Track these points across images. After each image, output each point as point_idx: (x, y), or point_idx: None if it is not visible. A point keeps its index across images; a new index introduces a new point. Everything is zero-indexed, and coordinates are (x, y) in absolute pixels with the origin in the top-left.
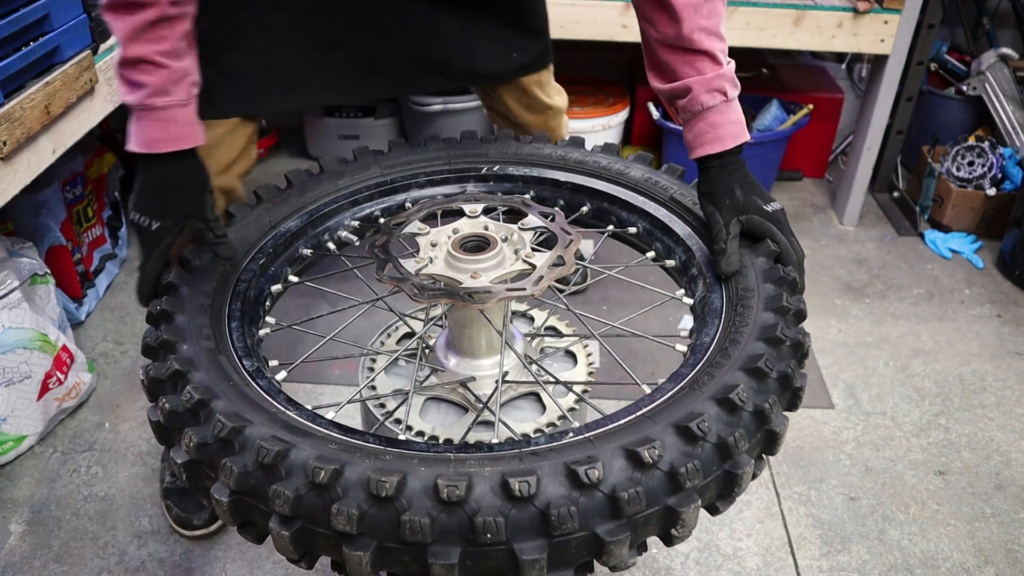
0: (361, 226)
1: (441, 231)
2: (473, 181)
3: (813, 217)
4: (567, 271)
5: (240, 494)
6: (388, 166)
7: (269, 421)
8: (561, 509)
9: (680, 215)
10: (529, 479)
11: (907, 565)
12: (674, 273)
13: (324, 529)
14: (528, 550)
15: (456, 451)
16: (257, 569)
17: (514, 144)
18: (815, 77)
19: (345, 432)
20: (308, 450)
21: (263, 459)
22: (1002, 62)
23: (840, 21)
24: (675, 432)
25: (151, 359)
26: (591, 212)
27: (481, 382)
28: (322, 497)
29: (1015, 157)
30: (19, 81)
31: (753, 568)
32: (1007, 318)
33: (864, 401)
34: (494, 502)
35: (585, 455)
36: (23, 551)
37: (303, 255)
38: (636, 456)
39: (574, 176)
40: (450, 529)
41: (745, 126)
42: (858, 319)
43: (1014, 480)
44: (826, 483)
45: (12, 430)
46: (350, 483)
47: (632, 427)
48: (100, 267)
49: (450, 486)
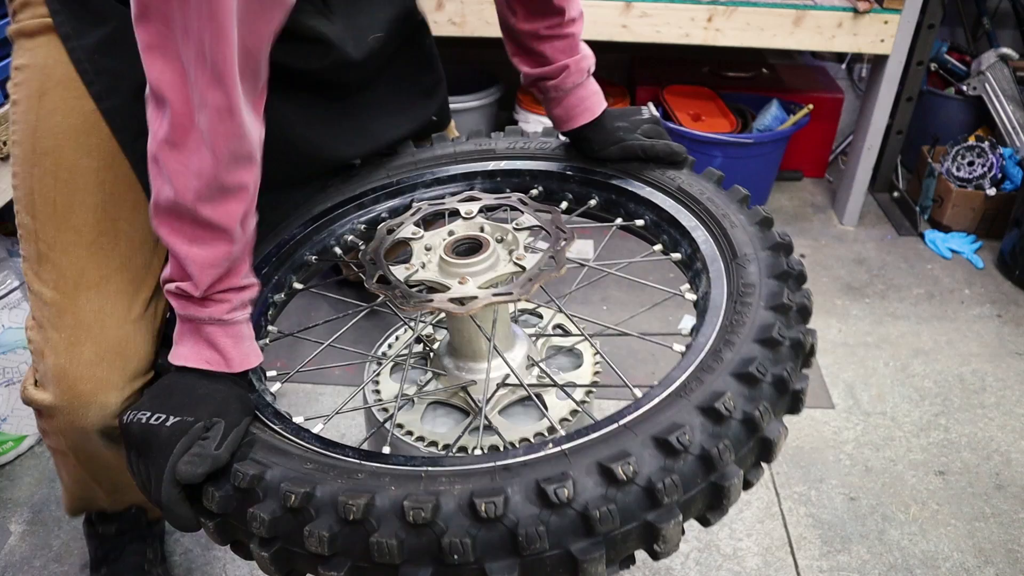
0: (367, 230)
1: (436, 234)
2: (481, 179)
3: (813, 217)
4: (559, 272)
5: (224, 517)
6: (395, 168)
7: (249, 442)
8: (529, 529)
9: (687, 206)
10: (496, 500)
11: (907, 565)
12: (680, 267)
13: (300, 549)
14: (498, 570)
15: (430, 466)
16: (257, 570)
17: (521, 140)
18: (815, 77)
19: (327, 447)
20: (281, 472)
21: (239, 483)
22: (1002, 62)
23: (840, 21)
24: (654, 445)
25: None
26: (599, 204)
27: (482, 386)
28: (296, 519)
29: (1015, 157)
30: None
31: (753, 568)
32: (1007, 318)
33: (864, 401)
34: (462, 522)
35: (558, 471)
36: (23, 551)
37: (308, 261)
38: (609, 472)
39: (580, 169)
40: (419, 549)
41: (602, 95)
42: (858, 319)
43: (1014, 480)
44: (826, 483)
45: (12, 430)
46: (322, 504)
47: (611, 439)
48: None
49: (415, 508)
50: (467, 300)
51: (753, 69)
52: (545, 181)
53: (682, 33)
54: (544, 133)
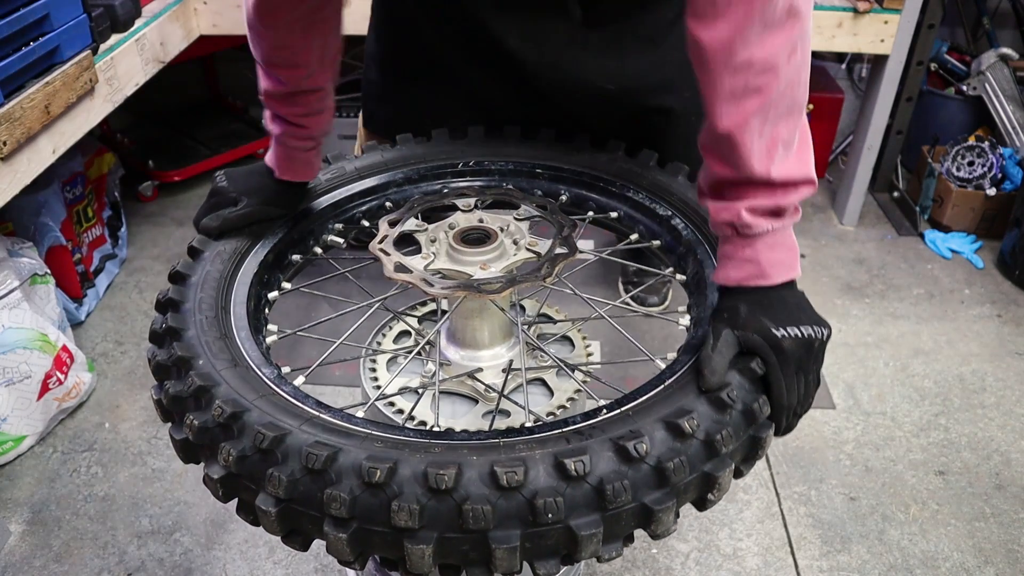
0: (345, 228)
1: (437, 227)
2: (451, 177)
3: (813, 217)
4: (573, 257)
5: (288, 502)
6: (364, 167)
7: (308, 427)
8: (615, 483)
9: (662, 199)
10: (583, 458)
11: (907, 565)
12: (661, 253)
13: (382, 527)
14: (585, 526)
15: (503, 437)
16: (257, 569)
17: (492, 142)
18: (815, 77)
19: (385, 430)
20: (356, 451)
21: (312, 465)
22: (1002, 62)
23: (840, 21)
24: (707, 402)
25: (163, 379)
26: (569, 200)
27: (489, 372)
28: (377, 496)
29: (1015, 157)
30: (19, 81)
31: (753, 568)
32: (1007, 318)
33: (864, 401)
34: (551, 483)
35: (628, 430)
36: (23, 551)
37: (292, 261)
38: (677, 427)
39: (550, 165)
40: (509, 513)
41: (798, 256)
42: (858, 319)
43: (1014, 480)
44: (826, 483)
45: (12, 430)
46: (406, 479)
47: (667, 399)
48: (100, 267)
49: (508, 472)
50: (494, 284)
51: None
52: (513, 178)
53: None
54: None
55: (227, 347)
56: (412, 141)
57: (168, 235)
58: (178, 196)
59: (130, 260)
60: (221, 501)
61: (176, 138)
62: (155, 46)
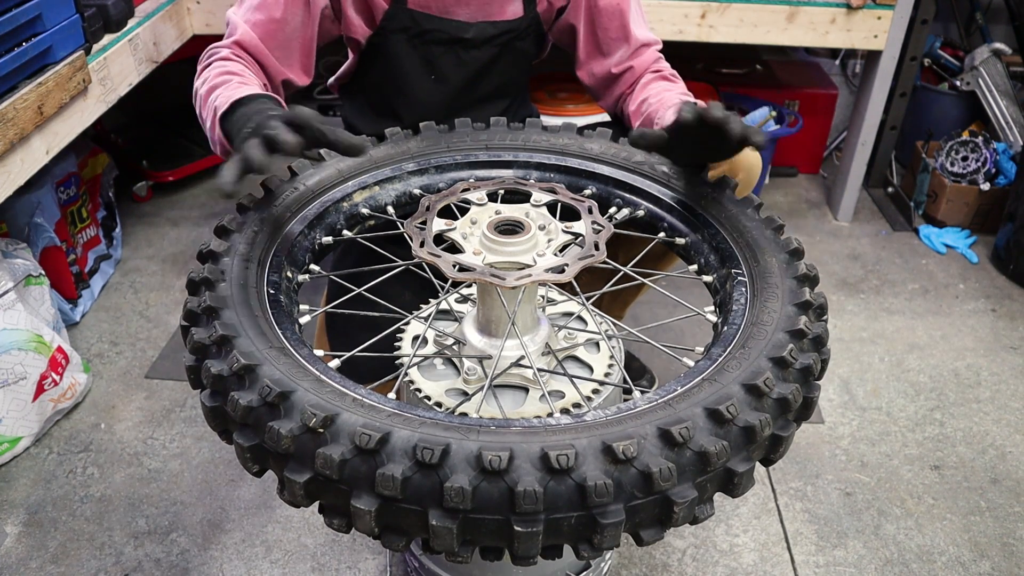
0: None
1: (483, 211)
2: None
3: (808, 213)
4: (598, 259)
5: (391, 501)
6: (345, 168)
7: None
8: (662, 467)
9: (650, 176)
10: (632, 442)
11: (903, 560)
12: (686, 252)
13: (433, 507)
14: (638, 510)
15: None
16: (254, 569)
17: (483, 132)
18: (809, 73)
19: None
20: (405, 434)
21: (364, 444)
22: (995, 57)
23: (834, 17)
24: (744, 390)
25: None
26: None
27: (495, 360)
28: (429, 477)
29: (1009, 152)
30: (12, 81)
31: (749, 564)
32: (1001, 312)
33: (859, 396)
34: (601, 466)
35: (675, 417)
36: (19, 553)
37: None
38: (756, 389)
39: (554, 158)
40: (560, 495)
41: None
42: (853, 315)
43: (1009, 474)
44: (822, 479)
45: (7, 431)
46: (458, 461)
47: (703, 388)
48: (95, 268)
49: (560, 454)
50: (512, 275)
51: (747, 66)
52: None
53: (675, 30)
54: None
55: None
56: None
57: (163, 235)
58: (172, 196)
59: (125, 260)
60: (304, 506)
61: (170, 138)
62: (148, 46)
